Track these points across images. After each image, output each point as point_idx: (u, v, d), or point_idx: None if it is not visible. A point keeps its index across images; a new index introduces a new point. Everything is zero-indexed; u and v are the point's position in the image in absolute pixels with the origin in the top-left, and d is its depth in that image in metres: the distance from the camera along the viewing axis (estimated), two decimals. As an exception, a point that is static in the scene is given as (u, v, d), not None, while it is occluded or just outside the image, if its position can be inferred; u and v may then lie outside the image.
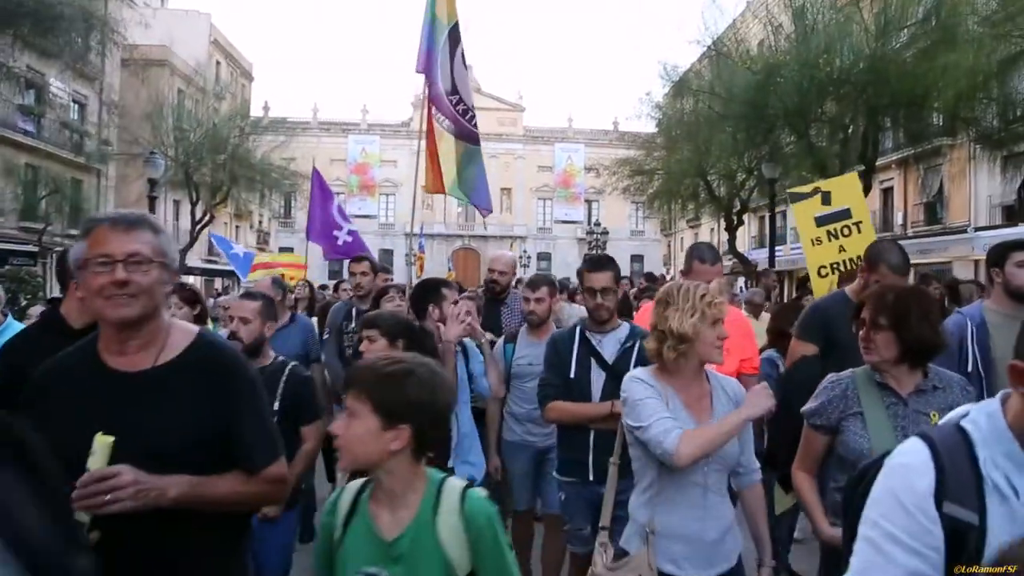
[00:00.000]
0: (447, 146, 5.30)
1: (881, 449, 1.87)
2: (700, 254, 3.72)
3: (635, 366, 3.09)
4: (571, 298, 7.54)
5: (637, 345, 3.29)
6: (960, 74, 12.65)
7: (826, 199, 5.60)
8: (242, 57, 45.02)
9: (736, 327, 3.22)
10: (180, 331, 1.85)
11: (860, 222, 5.49)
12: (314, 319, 6.18)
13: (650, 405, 2.34)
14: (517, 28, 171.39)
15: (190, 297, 4.66)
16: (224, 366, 1.84)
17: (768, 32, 19.30)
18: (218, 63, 40.30)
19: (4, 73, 19.12)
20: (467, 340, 4.02)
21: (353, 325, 4.99)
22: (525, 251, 50.89)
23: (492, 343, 4.46)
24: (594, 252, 35.02)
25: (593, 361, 3.38)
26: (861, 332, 2.43)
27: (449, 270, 25.97)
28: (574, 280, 9.17)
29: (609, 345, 3.41)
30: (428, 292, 4.17)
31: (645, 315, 3.22)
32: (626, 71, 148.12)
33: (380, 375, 1.71)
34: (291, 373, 3.34)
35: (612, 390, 3.13)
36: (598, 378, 3.35)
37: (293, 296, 6.45)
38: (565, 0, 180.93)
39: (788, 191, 5.84)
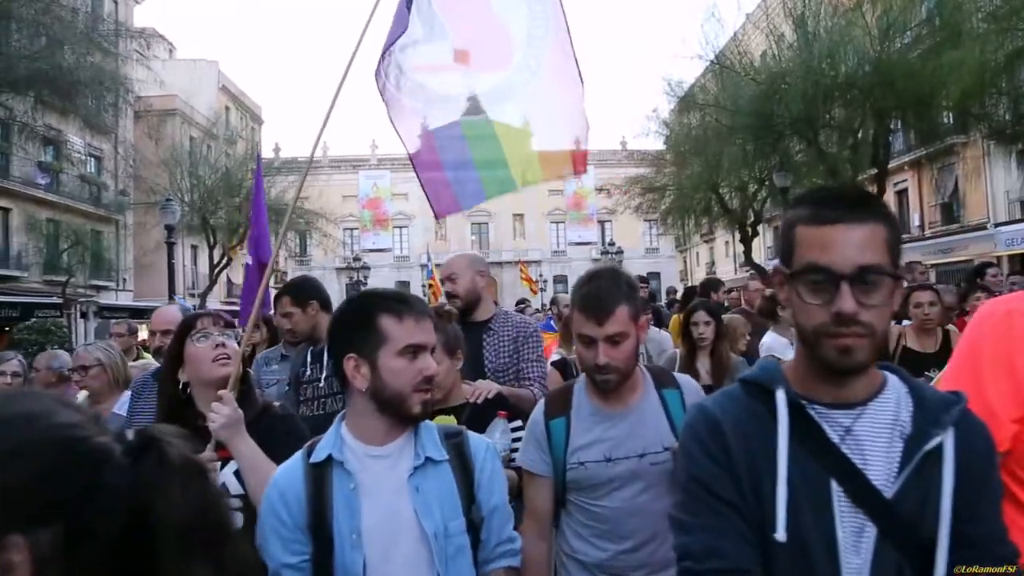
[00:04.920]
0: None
1: None
2: None
3: (953, 508, 1.16)
4: (657, 320, 4.93)
5: (950, 443, 1.18)
6: (966, 71, 12.58)
7: None
8: (251, 101, 45.80)
9: None
10: None
11: None
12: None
13: None
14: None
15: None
16: None
17: (770, 42, 19.34)
18: (227, 108, 41.00)
19: (27, 133, 19.76)
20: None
21: (309, 372, 3.54)
22: (541, 275, 50.90)
23: (509, 421, 2.47)
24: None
25: (836, 487, 1.19)
26: None
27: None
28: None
29: (876, 444, 1.21)
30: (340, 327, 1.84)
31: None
32: (631, 89, 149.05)
33: None
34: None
35: (892, 568, 1.17)
36: (853, 538, 1.18)
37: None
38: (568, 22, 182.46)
39: None
